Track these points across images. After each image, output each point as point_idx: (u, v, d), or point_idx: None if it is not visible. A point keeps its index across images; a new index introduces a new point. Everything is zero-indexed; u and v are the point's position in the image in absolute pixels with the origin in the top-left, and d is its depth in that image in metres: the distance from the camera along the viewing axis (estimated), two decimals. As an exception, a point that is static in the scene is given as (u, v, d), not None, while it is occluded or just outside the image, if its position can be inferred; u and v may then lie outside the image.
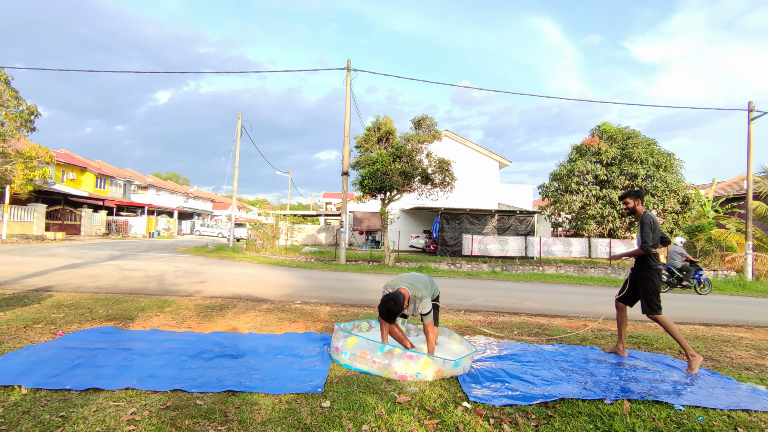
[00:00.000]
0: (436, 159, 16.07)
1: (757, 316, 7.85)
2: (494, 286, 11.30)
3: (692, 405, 3.05)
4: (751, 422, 2.83)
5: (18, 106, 18.06)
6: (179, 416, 2.55)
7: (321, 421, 2.58)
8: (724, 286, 13.21)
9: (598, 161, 18.69)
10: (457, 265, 15.74)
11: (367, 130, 16.63)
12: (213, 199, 66.15)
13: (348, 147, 16.00)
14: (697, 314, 7.75)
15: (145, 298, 6.62)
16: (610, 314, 7.26)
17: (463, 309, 7.06)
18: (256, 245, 20.71)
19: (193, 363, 3.51)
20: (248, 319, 5.38)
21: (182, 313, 5.56)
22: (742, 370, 4.09)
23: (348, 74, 15.88)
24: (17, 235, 20.79)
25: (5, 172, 18.17)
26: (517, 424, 2.66)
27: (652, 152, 17.94)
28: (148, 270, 10.75)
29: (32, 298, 6.02)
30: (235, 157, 23.35)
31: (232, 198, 24.54)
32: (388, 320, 3.60)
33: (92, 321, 4.85)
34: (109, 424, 2.41)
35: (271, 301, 6.91)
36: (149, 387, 2.95)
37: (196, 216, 51.52)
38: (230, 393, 2.94)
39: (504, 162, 25.39)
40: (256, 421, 2.55)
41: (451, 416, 2.73)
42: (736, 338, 5.64)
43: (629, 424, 2.69)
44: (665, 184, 17.41)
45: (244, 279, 9.91)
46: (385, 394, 3.05)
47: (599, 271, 15.62)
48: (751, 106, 15.72)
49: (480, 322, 5.89)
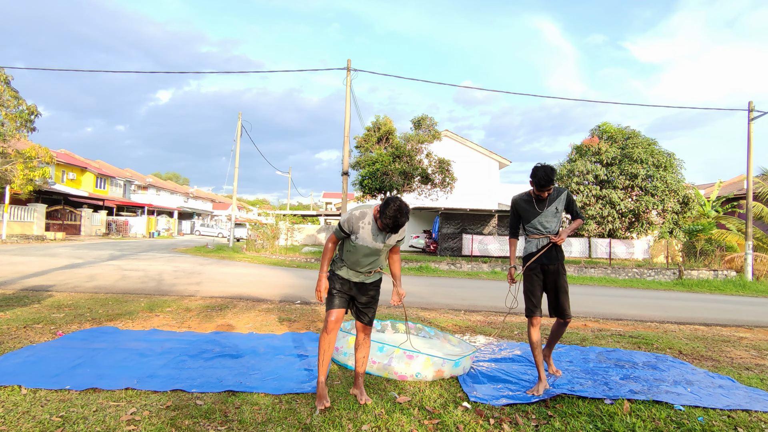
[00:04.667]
0: (436, 159, 16.07)
1: (757, 316, 7.85)
2: (494, 286, 11.30)
3: (692, 405, 3.05)
4: (751, 422, 2.83)
5: (18, 106, 18.06)
6: (179, 416, 2.55)
7: (321, 421, 2.58)
8: (724, 286, 13.21)
9: (598, 161, 18.68)
10: (457, 265, 15.74)
11: (367, 130, 16.65)
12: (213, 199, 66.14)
13: (348, 147, 16.00)
14: (697, 314, 7.75)
15: (145, 298, 6.62)
16: (610, 314, 7.27)
17: (463, 309, 7.06)
18: (256, 245, 20.71)
19: (193, 363, 3.51)
20: (248, 319, 5.38)
21: (182, 313, 5.56)
22: (742, 370, 4.09)
23: (348, 74, 15.88)
24: (17, 235, 20.79)
25: (5, 172, 18.16)
26: (517, 424, 2.66)
27: (652, 152, 17.93)
28: (147, 270, 10.74)
29: (32, 298, 6.02)
30: (236, 157, 23.37)
31: (232, 198, 24.54)
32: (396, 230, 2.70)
33: (92, 321, 4.85)
34: (109, 424, 2.41)
35: (271, 301, 6.90)
36: (149, 387, 2.95)
37: (196, 216, 51.52)
38: (230, 393, 2.94)
39: (504, 162, 25.39)
40: (256, 421, 2.55)
41: (451, 416, 2.73)
42: (736, 338, 5.64)
43: (629, 424, 2.69)
44: (665, 184, 17.40)
45: (244, 279, 9.90)
46: (385, 394, 3.05)
47: (599, 271, 15.61)
48: (751, 106, 15.71)
49: (480, 322, 5.89)
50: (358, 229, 2.76)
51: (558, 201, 3.40)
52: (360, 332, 3.01)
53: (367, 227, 2.76)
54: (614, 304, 8.56)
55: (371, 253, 2.82)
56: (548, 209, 3.39)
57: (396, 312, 6.35)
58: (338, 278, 2.93)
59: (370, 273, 2.95)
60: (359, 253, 2.81)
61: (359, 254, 2.82)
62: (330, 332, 2.85)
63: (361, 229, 2.75)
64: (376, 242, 2.78)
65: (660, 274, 15.32)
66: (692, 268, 15.73)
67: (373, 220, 2.76)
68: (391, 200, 2.60)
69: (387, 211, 2.58)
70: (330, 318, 2.85)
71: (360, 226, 2.75)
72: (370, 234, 2.76)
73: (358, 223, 2.75)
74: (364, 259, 2.84)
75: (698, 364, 4.27)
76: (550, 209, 3.39)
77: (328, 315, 2.87)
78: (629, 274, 15.41)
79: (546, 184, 3.26)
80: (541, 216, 3.41)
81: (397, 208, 2.58)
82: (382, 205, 2.64)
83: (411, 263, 15.76)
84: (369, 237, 2.76)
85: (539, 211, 3.41)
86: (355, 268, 2.88)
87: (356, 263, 2.86)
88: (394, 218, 2.58)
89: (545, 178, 3.22)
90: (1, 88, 17.46)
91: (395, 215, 2.57)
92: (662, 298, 10.33)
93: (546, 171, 3.25)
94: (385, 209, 2.60)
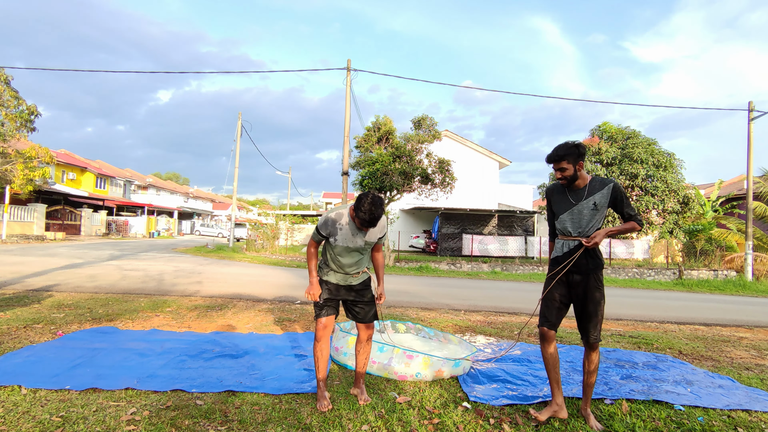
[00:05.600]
0: (436, 159, 16.06)
1: (757, 316, 7.84)
2: (494, 286, 11.30)
3: (692, 405, 3.05)
4: (751, 422, 2.83)
5: (18, 106, 18.05)
6: (179, 416, 2.55)
7: (321, 421, 2.58)
8: (724, 286, 13.21)
9: (598, 161, 18.68)
10: (457, 265, 15.74)
11: (367, 130, 16.64)
12: (213, 199, 66.13)
13: (348, 147, 15.99)
14: (697, 314, 7.75)
15: (145, 298, 6.62)
16: (610, 314, 7.26)
17: (463, 309, 7.06)
18: (256, 245, 20.71)
19: (193, 363, 3.51)
20: (248, 319, 5.38)
21: (182, 313, 5.56)
22: (742, 370, 4.09)
23: (348, 74, 15.88)
24: (17, 235, 20.79)
25: (5, 172, 18.16)
26: (517, 424, 2.66)
27: (652, 152, 17.94)
28: (147, 270, 10.74)
29: (32, 298, 6.02)
30: (236, 157, 23.36)
31: (232, 198, 24.54)
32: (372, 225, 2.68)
33: (92, 321, 4.85)
34: (109, 424, 2.41)
35: (271, 301, 6.91)
36: (149, 387, 2.95)
37: (196, 216, 51.51)
38: (230, 393, 2.94)
39: (504, 162, 25.39)
40: (256, 421, 2.55)
41: (451, 416, 2.73)
42: (736, 338, 5.64)
43: (629, 424, 2.69)
44: (665, 184, 17.41)
45: (244, 279, 9.90)
46: (385, 394, 3.05)
47: (599, 271, 15.61)
48: (751, 106, 15.71)
49: (480, 322, 5.89)
50: (336, 231, 2.77)
51: (599, 195, 2.66)
52: (361, 333, 3.01)
53: (346, 227, 2.77)
54: (614, 304, 8.56)
55: (353, 253, 2.83)
56: (584, 203, 2.68)
57: (396, 312, 6.35)
58: (326, 284, 2.94)
59: (357, 274, 2.94)
60: (342, 254, 2.82)
61: (342, 255, 2.83)
62: (320, 340, 2.88)
63: (339, 230, 2.77)
64: (356, 241, 2.79)
65: (660, 274, 15.32)
66: (692, 268, 15.74)
67: (350, 219, 2.76)
68: (363, 196, 2.62)
69: (361, 206, 2.60)
70: (318, 326, 2.88)
71: (338, 227, 2.77)
72: (349, 233, 2.77)
73: (335, 225, 2.77)
74: (347, 260, 2.85)
75: (698, 364, 4.27)
76: (586, 203, 2.68)
77: (317, 323, 2.89)
78: (629, 274, 15.41)
79: (552, 160, 2.70)
80: (573, 210, 2.72)
81: (371, 202, 2.59)
82: (356, 202, 2.65)
83: (411, 263, 15.76)
84: (349, 237, 2.77)
85: (573, 203, 2.73)
86: (341, 270, 2.89)
87: (341, 266, 2.87)
88: (370, 212, 2.59)
89: (553, 154, 2.68)
90: (1, 88, 17.45)
91: (370, 209, 2.59)
92: (662, 298, 10.33)
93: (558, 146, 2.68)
94: (359, 205, 2.61)
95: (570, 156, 2.64)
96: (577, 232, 2.71)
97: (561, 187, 2.81)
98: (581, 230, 2.70)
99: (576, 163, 2.66)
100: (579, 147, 2.64)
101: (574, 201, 2.72)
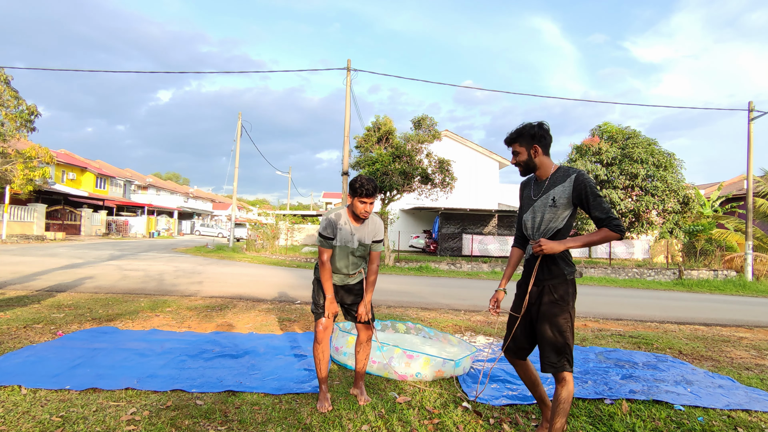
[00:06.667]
0: (436, 159, 16.06)
1: (757, 316, 7.84)
2: (494, 286, 11.29)
3: (692, 405, 3.05)
4: (751, 422, 2.83)
5: (18, 106, 18.06)
6: (179, 416, 2.55)
7: (321, 421, 2.58)
8: (724, 286, 13.21)
9: (598, 161, 18.68)
10: (457, 265, 15.74)
11: (367, 130, 16.64)
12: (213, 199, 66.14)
13: (348, 147, 16.00)
14: (697, 314, 7.75)
15: (145, 298, 6.62)
16: (610, 314, 7.26)
17: (463, 309, 7.06)
18: (256, 245, 20.71)
19: (193, 363, 3.51)
20: (248, 319, 5.38)
21: (182, 313, 5.56)
22: (742, 370, 4.09)
23: (348, 74, 15.88)
24: (17, 235, 20.79)
25: (5, 172, 18.17)
26: (517, 424, 2.66)
27: (653, 152, 17.93)
28: (148, 270, 10.74)
29: (32, 298, 6.02)
30: (236, 157, 23.37)
31: (232, 198, 24.54)
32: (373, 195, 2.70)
33: (92, 321, 4.85)
34: (109, 424, 2.41)
35: (271, 301, 6.91)
36: (149, 387, 2.95)
37: (196, 216, 51.51)
38: (230, 393, 2.94)
39: (504, 162, 25.38)
40: (256, 421, 2.55)
41: (451, 416, 2.73)
42: (736, 338, 5.64)
43: (629, 424, 2.69)
44: (665, 184, 17.40)
45: (244, 279, 9.90)
46: (385, 394, 3.05)
47: (599, 271, 15.61)
48: (751, 106, 15.71)
49: (480, 322, 5.89)
50: (338, 231, 2.79)
51: (560, 188, 2.15)
52: (361, 334, 3.01)
53: (345, 227, 2.78)
54: (614, 304, 8.56)
55: (351, 252, 2.84)
56: (543, 198, 2.21)
57: (396, 312, 6.35)
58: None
59: (354, 274, 2.95)
60: (341, 254, 2.83)
61: (341, 255, 2.83)
62: (321, 342, 2.87)
63: (339, 230, 2.78)
64: (354, 241, 2.81)
65: (660, 274, 15.32)
66: (692, 268, 15.74)
67: (348, 219, 2.79)
68: (355, 179, 2.70)
69: (358, 186, 2.67)
70: (318, 328, 2.87)
71: (339, 226, 2.78)
72: (348, 233, 2.79)
73: (337, 225, 2.78)
74: (346, 260, 2.85)
75: (698, 364, 4.27)
76: (544, 199, 2.20)
77: (317, 325, 2.88)
78: (629, 274, 15.41)
79: (506, 143, 2.30)
80: (534, 206, 2.25)
81: (365, 179, 2.67)
82: (351, 187, 2.71)
83: (411, 263, 15.76)
84: (348, 236, 2.79)
85: (533, 199, 2.27)
86: (339, 271, 2.89)
87: (339, 267, 2.87)
88: (367, 185, 2.65)
89: (507, 136, 2.29)
90: (1, 88, 17.46)
91: (366, 183, 2.66)
92: (662, 298, 10.33)
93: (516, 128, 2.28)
94: (356, 187, 2.67)
95: (522, 138, 2.21)
96: (535, 235, 2.24)
97: (532, 181, 2.34)
98: (539, 233, 2.22)
99: (530, 147, 2.20)
100: (534, 127, 2.19)
101: (534, 196, 2.27)
